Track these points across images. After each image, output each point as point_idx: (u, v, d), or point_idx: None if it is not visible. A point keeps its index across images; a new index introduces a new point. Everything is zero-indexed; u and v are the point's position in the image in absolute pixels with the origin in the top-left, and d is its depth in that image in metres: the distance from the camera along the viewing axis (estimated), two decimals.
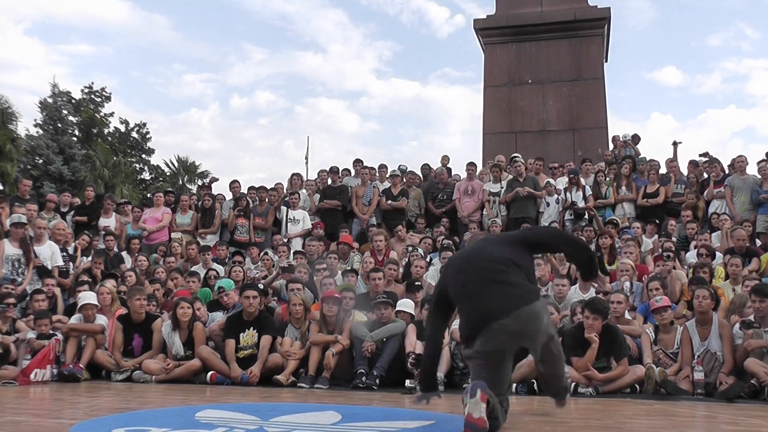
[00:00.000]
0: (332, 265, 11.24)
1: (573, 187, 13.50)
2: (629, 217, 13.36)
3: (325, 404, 6.48)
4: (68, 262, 11.49)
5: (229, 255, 12.93)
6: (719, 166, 13.36)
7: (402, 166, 15.49)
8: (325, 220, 14.17)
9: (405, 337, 8.49)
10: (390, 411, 5.95)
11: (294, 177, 15.27)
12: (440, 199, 14.45)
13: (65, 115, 37.82)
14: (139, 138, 42.29)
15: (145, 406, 6.33)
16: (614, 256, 11.22)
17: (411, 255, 11.58)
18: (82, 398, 7.05)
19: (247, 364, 8.50)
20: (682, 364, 7.95)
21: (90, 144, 38.03)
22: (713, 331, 7.92)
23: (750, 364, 7.37)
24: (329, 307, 8.68)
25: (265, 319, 8.99)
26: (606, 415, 6.01)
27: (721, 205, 12.73)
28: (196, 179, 41.59)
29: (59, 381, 8.43)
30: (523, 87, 18.06)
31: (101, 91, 40.29)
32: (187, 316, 8.87)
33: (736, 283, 9.53)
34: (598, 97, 17.70)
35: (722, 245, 11.40)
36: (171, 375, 8.59)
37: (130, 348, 9.13)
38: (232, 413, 5.64)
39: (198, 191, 18.43)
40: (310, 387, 8.09)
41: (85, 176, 33.43)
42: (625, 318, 8.70)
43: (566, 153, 16.77)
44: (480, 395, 4.33)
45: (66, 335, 8.97)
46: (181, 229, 13.93)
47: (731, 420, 5.83)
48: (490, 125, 18.11)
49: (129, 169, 39.95)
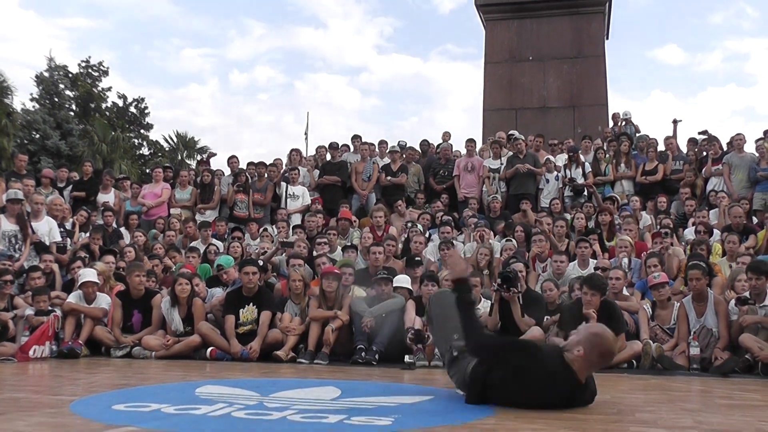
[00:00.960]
0: (331, 240, 11.24)
1: (572, 164, 13.51)
2: (628, 194, 13.37)
3: (324, 380, 6.50)
4: (66, 238, 11.44)
5: (228, 231, 12.92)
6: (718, 144, 13.39)
7: (401, 142, 15.49)
8: (324, 196, 14.20)
9: (404, 312, 8.52)
10: (389, 386, 5.98)
11: (293, 153, 15.26)
12: (441, 175, 14.45)
13: (62, 89, 37.68)
14: (137, 113, 42.19)
15: (145, 383, 6.35)
16: (613, 232, 11.27)
17: (410, 231, 11.60)
18: (82, 375, 7.06)
19: (246, 340, 8.53)
20: (679, 339, 8.00)
21: (87, 119, 37.92)
22: (709, 307, 7.97)
23: (745, 339, 7.45)
24: (329, 282, 8.69)
25: (265, 295, 9.00)
26: (603, 389, 6.02)
27: (719, 182, 12.77)
28: (195, 155, 41.48)
29: (58, 357, 8.41)
30: (524, 64, 18.04)
31: (99, 65, 40.21)
32: (186, 292, 8.87)
33: (733, 259, 9.57)
34: (598, 74, 17.71)
35: (720, 222, 11.43)
36: (171, 351, 8.60)
37: (129, 324, 9.12)
38: (232, 389, 5.66)
39: (197, 167, 18.38)
40: (309, 363, 8.12)
41: (83, 151, 33.36)
42: (623, 294, 8.76)
43: (566, 130, 16.78)
44: None
45: (65, 312, 8.97)
46: (180, 205, 13.93)
47: (726, 394, 5.87)
48: (491, 102, 18.11)
49: (127, 145, 39.88)
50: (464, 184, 13.93)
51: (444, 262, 9.94)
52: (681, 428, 4.05)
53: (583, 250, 9.92)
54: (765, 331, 7.57)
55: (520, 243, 10.79)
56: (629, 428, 4.06)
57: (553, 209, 12.63)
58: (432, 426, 4.04)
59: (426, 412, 4.49)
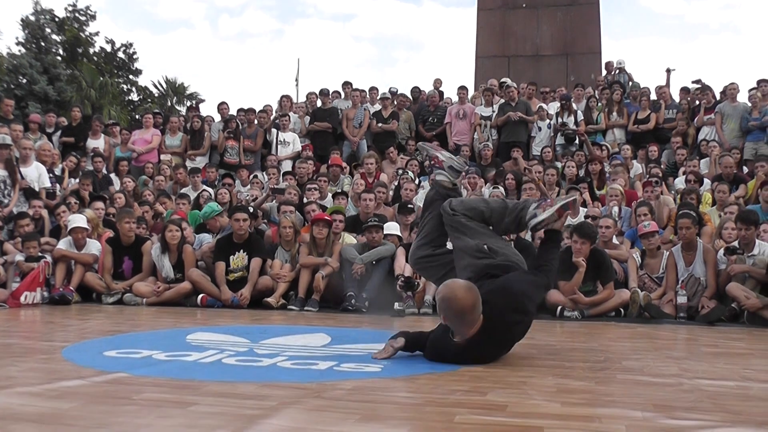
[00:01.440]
0: (322, 187, 11.22)
1: (564, 113, 13.46)
2: (620, 142, 13.37)
3: (314, 326, 6.55)
4: (55, 184, 11.38)
5: (219, 177, 12.89)
6: (711, 93, 13.40)
7: (392, 89, 15.42)
8: (314, 142, 14.15)
9: (395, 259, 8.53)
10: (379, 333, 6.03)
11: (284, 99, 15.18)
12: (431, 122, 14.39)
13: (49, 33, 37.03)
14: (125, 58, 41.59)
15: (136, 329, 6.37)
16: (603, 181, 11.27)
17: (401, 178, 11.58)
18: (73, 321, 7.09)
19: (237, 287, 8.56)
20: (667, 288, 8.08)
21: (75, 64, 37.41)
22: (698, 256, 8.03)
23: (732, 288, 7.52)
24: (319, 229, 8.69)
25: (255, 242, 9.01)
26: (590, 338, 6.11)
27: (711, 131, 12.80)
28: (184, 101, 41.08)
29: (50, 304, 8.44)
30: (518, 11, 17.89)
31: (86, 9, 39.48)
32: (176, 239, 8.88)
33: (722, 209, 9.60)
34: (592, 22, 17.57)
35: (710, 172, 11.46)
36: (162, 298, 8.65)
37: (120, 271, 9.14)
38: (223, 336, 5.69)
39: (187, 113, 18.24)
40: (299, 309, 8.17)
41: (71, 97, 32.99)
42: (613, 243, 8.80)
43: (559, 78, 16.73)
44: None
45: (56, 259, 8.97)
46: (171, 151, 13.88)
47: (711, 342, 5.93)
48: (483, 49, 18.00)
49: (116, 90, 39.43)
50: (456, 131, 13.87)
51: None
52: (667, 376, 4.10)
53: None
54: (752, 281, 7.63)
55: (510, 191, 10.79)
56: (616, 376, 4.10)
57: (544, 157, 12.61)
58: (420, 373, 4.08)
59: (414, 360, 4.52)
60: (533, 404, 3.31)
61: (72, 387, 3.58)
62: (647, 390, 3.67)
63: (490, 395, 3.45)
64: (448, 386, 3.69)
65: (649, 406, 3.28)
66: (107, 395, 3.40)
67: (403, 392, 3.63)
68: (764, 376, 4.24)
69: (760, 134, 12.22)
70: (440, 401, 3.34)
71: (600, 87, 14.91)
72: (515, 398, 3.40)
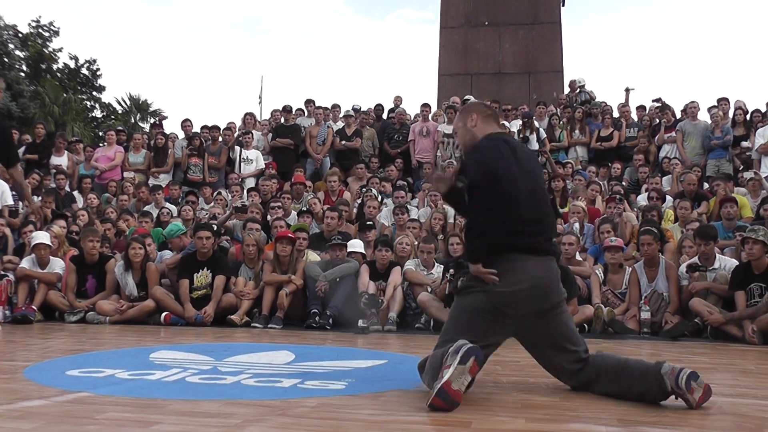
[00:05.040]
0: (286, 205, 11.20)
1: (527, 130, 13.56)
2: (582, 160, 13.51)
3: (278, 344, 6.52)
4: (18, 202, 11.23)
5: (183, 194, 12.80)
6: (670, 112, 13.60)
7: (355, 106, 15.47)
8: (277, 159, 14.11)
9: (358, 277, 8.54)
10: (343, 350, 6.02)
11: (247, 116, 15.14)
12: (396, 139, 14.43)
13: (12, 49, 36.68)
14: (89, 75, 41.28)
15: (99, 348, 6.31)
16: (566, 198, 11.37)
17: (364, 195, 11.60)
18: (36, 340, 6.98)
19: (201, 305, 8.50)
20: (630, 303, 8.16)
21: (39, 80, 37.06)
22: (660, 272, 8.13)
23: (695, 303, 7.62)
24: (283, 247, 8.68)
25: (219, 259, 8.96)
26: None
27: (672, 149, 12.98)
28: (148, 117, 40.84)
29: (11, 323, 8.29)
30: (480, 29, 18.02)
31: (49, 25, 39.13)
32: (139, 256, 8.80)
33: (684, 226, 9.73)
34: (554, 40, 17.75)
35: (673, 189, 11.62)
36: (125, 316, 8.54)
37: (83, 289, 9.04)
38: (187, 354, 5.66)
39: (150, 130, 18.14)
40: (263, 327, 8.13)
41: (35, 113, 32.69)
42: (576, 259, 8.86)
43: (522, 96, 16.86)
44: (471, 365, 3.47)
45: (18, 278, 8.85)
46: (134, 168, 13.77)
47: (675, 357, 5.98)
48: (446, 67, 18.10)
49: (80, 107, 39.09)
50: (419, 148, 13.91)
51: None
52: None
53: None
54: (714, 296, 7.75)
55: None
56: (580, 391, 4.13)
57: None
58: (385, 390, 4.09)
59: (379, 377, 4.52)
60: (498, 420, 3.32)
61: (34, 407, 3.54)
62: (611, 405, 3.71)
63: (454, 412, 3.45)
64: (413, 403, 3.69)
65: (613, 421, 3.31)
66: (69, 415, 3.37)
67: (368, 409, 3.63)
68: (728, 390, 4.30)
69: (722, 152, 12.43)
70: (405, 419, 3.35)
71: (561, 105, 15.07)
72: (480, 415, 3.42)
